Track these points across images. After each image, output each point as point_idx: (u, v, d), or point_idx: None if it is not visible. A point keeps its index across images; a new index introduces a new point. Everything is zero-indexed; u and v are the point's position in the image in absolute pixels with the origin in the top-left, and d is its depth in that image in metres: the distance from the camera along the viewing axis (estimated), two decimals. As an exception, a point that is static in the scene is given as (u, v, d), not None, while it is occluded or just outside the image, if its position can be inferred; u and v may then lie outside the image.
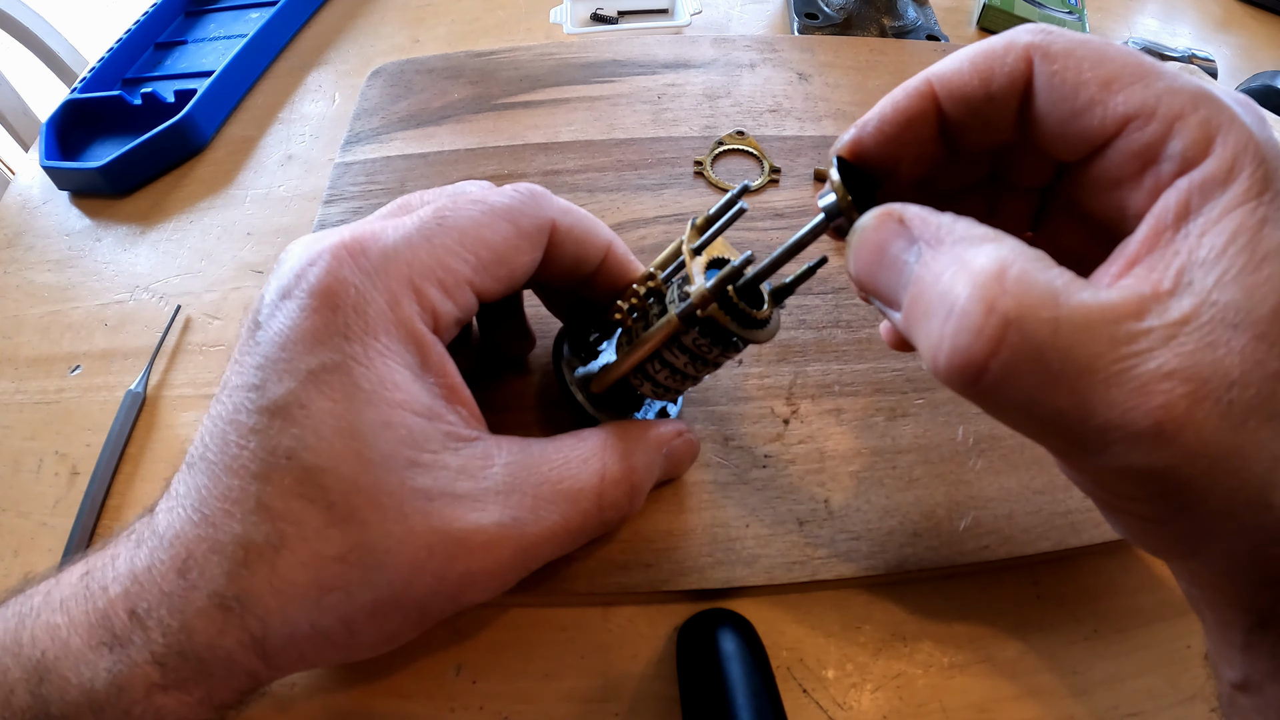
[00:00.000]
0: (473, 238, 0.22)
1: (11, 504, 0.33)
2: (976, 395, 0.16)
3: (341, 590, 0.19)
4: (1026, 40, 0.19)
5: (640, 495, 0.25)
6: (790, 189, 0.40)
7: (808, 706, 0.26)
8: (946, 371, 0.16)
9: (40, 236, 0.44)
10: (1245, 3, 0.60)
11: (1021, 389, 0.15)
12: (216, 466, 0.20)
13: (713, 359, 0.24)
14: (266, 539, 0.19)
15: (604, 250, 0.26)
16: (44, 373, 0.37)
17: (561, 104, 0.43)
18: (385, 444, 0.20)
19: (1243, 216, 0.15)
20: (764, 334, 0.23)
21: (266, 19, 0.52)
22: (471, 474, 0.21)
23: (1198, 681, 0.26)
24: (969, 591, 0.28)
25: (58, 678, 0.19)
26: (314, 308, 0.20)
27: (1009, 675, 0.26)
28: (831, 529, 0.28)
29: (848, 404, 0.31)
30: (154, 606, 0.19)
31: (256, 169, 0.46)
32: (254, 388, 0.20)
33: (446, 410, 0.22)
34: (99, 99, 0.48)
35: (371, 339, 0.20)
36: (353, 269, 0.20)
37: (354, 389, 0.20)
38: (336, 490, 0.19)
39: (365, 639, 0.21)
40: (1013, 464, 0.29)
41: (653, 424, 0.26)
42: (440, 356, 0.22)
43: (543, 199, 0.25)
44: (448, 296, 0.22)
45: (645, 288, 0.25)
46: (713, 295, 0.22)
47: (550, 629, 0.27)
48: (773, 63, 0.47)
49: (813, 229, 0.21)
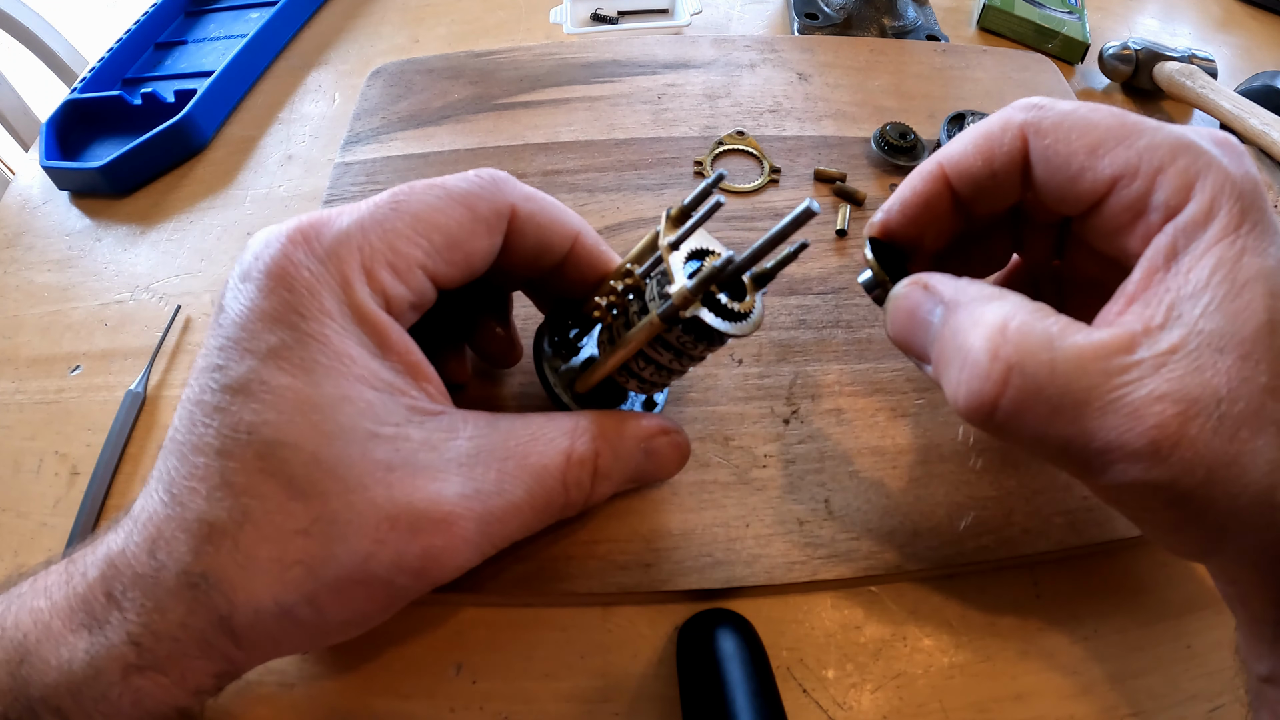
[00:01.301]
0: (425, 222, 0.23)
1: (11, 504, 0.33)
2: (993, 430, 0.19)
3: (304, 564, 0.19)
4: (1020, 119, 0.22)
5: (606, 481, 0.24)
6: (790, 189, 0.40)
7: (808, 706, 0.26)
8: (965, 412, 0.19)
9: (40, 236, 0.44)
10: (1245, 3, 0.60)
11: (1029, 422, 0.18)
12: (184, 447, 0.20)
13: (698, 354, 0.24)
14: (230, 515, 0.19)
15: (570, 238, 0.26)
16: (44, 373, 0.37)
17: (561, 104, 0.43)
18: (344, 417, 0.20)
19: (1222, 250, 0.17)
20: (748, 326, 0.23)
21: (266, 19, 0.52)
22: (434, 446, 0.21)
23: (1198, 682, 0.26)
24: (969, 591, 0.28)
25: (38, 660, 0.19)
26: (270, 288, 0.20)
27: (1009, 675, 0.26)
28: (831, 529, 0.28)
29: (848, 404, 0.31)
30: (128, 587, 0.19)
31: (256, 169, 0.46)
32: (217, 368, 0.20)
33: (409, 386, 0.22)
34: (99, 99, 0.48)
35: (327, 318, 0.20)
36: (306, 252, 0.21)
37: (312, 364, 0.20)
38: (297, 463, 0.19)
39: (332, 617, 0.20)
40: (1013, 464, 0.29)
41: (635, 416, 0.26)
42: (399, 336, 0.22)
43: (503, 184, 0.24)
44: (399, 279, 0.22)
45: (623, 284, 0.24)
46: (694, 296, 0.21)
47: (550, 629, 0.27)
48: (773, 63, 0.47)
49: (793, 220, 0.20)
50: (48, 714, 0.19)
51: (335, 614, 0.20)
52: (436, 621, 0.28)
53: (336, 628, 0.21)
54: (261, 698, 0.26)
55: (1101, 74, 0.51)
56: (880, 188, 0.40)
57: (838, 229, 0.38)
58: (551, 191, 0.27)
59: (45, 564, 0.22)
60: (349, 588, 0.20)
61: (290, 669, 0.27)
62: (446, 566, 0.21)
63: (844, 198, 0.39)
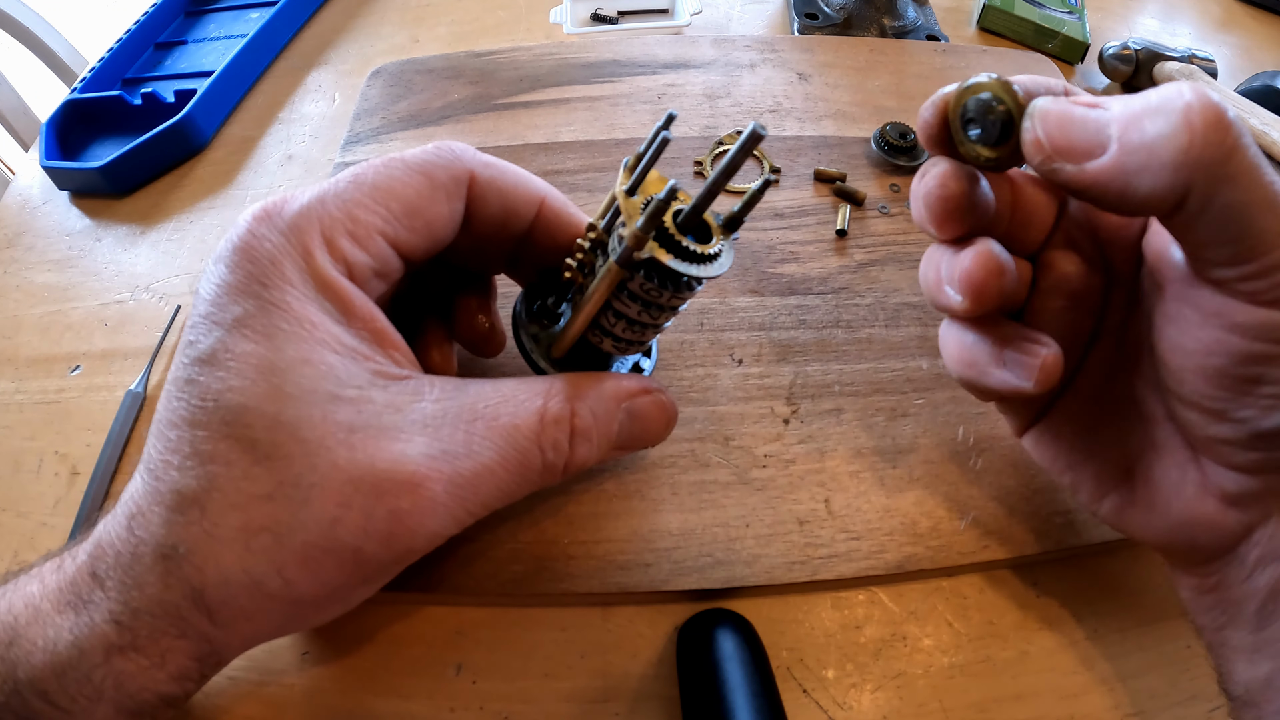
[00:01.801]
0: (384, 190, 0.23)
1: (11, 504, 0.33)
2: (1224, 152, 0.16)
3: (270, 531, 0.19)
4: None
5: (585, 442, 0.24)
6: (790, 189, 0.40)
7: (808, 706, 0.26)
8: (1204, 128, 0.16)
9: (40, 236, 0.44)
10: (1245, 3, 0.60)
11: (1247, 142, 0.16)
12: (161, 424, 0.20)
13: (666, 302, 0.23)
14: (198, 482, 0.19)
15: (535, 203, 0.26)
16: (44, 373, 0.37)
17: (561, 104, 0.43)
18: (305, 379, 0.20)
19: None
20: (714, 268, 0.22)
21: (266, 19, 0.52)
22: (399, 408, 0.21)
23: (1198, 682, 0.26)
24: (969, 591, 0.28)
25: (26, 641, 0.19)
26: (234, 263, 0.21)
27: (1009, 675, 0.26)
28: (831, 529, 0.28)
29: (848, 404, 0.31)
30: (111, 566, 0.20)
31: (256, 169, 0.46)
32: (189, 344, 0.20)
33: (374, 351, 0.22)
34: (99, 99, 0.48)
35: (289, 286, 0.21)
36: (269, 227, 0.21)
37: (274, 330, 0.20)
38: (259, 427, 0.19)
39: (303, 590, 0.20)
40: (1013, 464, 0.29)
41: (614, 376, 0.25)
42: (364, 303, 0.22)
43: (462, 152, 0.25)
44: (359, 247, 0.22)
45: (589, 240, 0.24)
46: (645, 233, 0.20)
47: (550, 629, 0.27)
48: (773, 63, 0.47)
49: (742, 146, 0.19)
50: (34, 697, 0.19)
51: (306, 586, 0.20)
52: (436, 621, 0.28)
53: (310, 603, 0.21)
54: (261, 698, 0.26)
55: (1101, 74, 0.51)
56: (880, 188, 0.40)
57: (838, 229, 0.38)
58: (551, 191, 0.27)
59: (45, 556, 0.22)
60: (318, 555, 0.20)
61: (290, 669, 0.27)
62: (417, 532, 0.21)
63: (844, 198, 0.39)
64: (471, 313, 0.29)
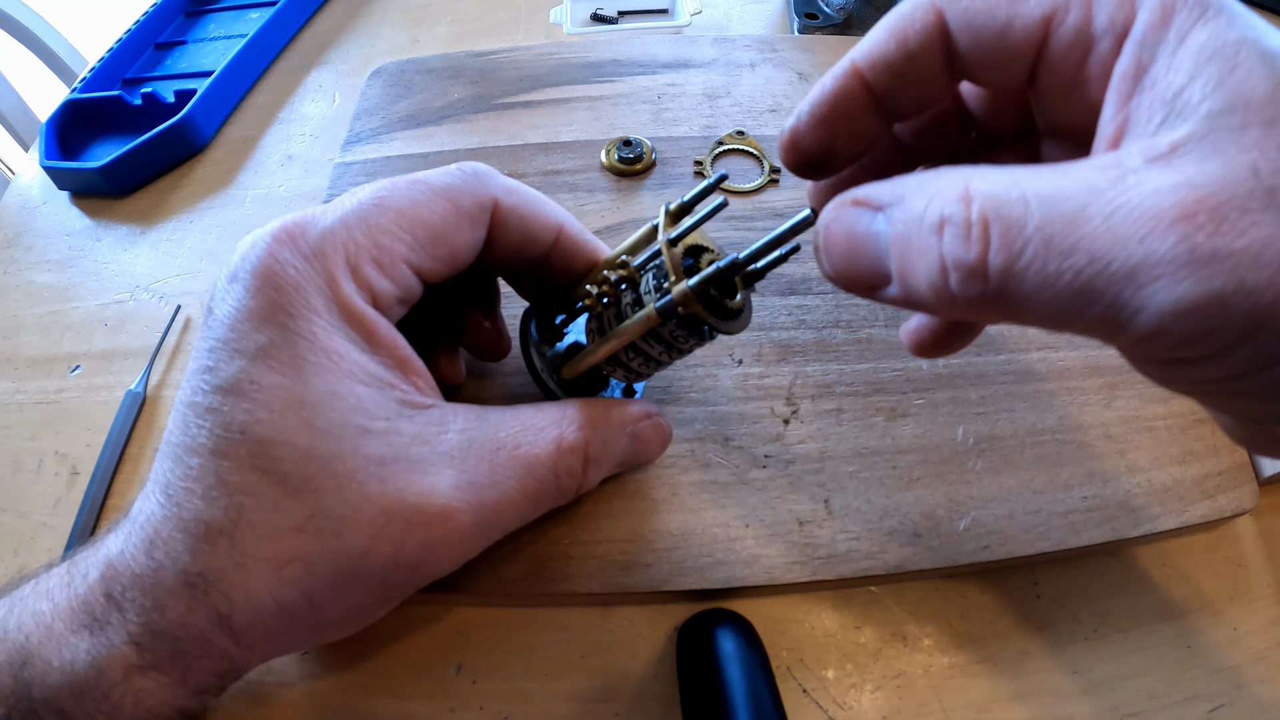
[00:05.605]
0: (409, 217, 0.23)
1: (11, 504, 0.33)
2: (995, 305, 0.15)
3: (301, 561, 0.19)
4: None
5: (596, 467, 0.25)
6: (790, 189, 0.40)
7: (808, 706, 0.26)
8: (958, 289, 0.15)
9: (40, 236, 0.44)
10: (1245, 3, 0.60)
11: (1030, 273, 0.14)
12: (179, 449, 0.20)
13: (688, 348, 0.24)
14: (225, 513, 0.19)
15: (554, 231, 0.26)
16: (44, 373, 0.37)
17: (561, 104, 0.43)
18: (335, 412, 0.20)
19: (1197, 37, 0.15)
20: (738, 324, 0.23)
21: (266, 19, 0.52)
22: (426, 440, 0.21)
23: (1198, 682, 0.26)
24: (969, 591, 0.28)
25: (40, 661, 0.19)
26: (257, 288, 0.20)
27: (1009, 675, 0.26)
28: (831, 529, 0.28)
29: (848, 404, 0.31)
30: (128, 588, 0.19)
31: (256, 169, 0.46)
32: (208, 369, 0.20)
33: (399, 380, 0.22)
34: (99, 99, 0.48)
35: (315, 315, 0.21)
36: (291, 251, 0.21)
37: (301, 362, 0.20)
38: (290, 461, 0.19)
39: (330, 614, 0.21)
40: (1013, 464, 0.29)
41: (619, 402, 0.26)
42: (387, 331, 0.22)
43: (485, 177, 0.25)
44: (384, 275, 0.22)
45: (617, 274, 0.25)
46: (695, 295, 0.22)
47: (550, 629, 0.27)
48: (773, 63, 0.47)
49: (792, 226, 0.21)
50: (50, 715, 0.19)
51: (333, 610, 0.21)
52: (436, 621, 0.28)
53: (335, 624, 0.21)
54: (261, 698, 0.26)
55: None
56: (880, 188, 0.40)
57: (838, 229, 0.38)
58: (551, 192, 0.27)
59: (46, 566, 0.22)
60: (346, 583, 0.20)
61: (290, 669, 0.27)
62: (443, 560, 0.21)
63: (844, 198, 0.39)
64: (479, 320, 0.29)
